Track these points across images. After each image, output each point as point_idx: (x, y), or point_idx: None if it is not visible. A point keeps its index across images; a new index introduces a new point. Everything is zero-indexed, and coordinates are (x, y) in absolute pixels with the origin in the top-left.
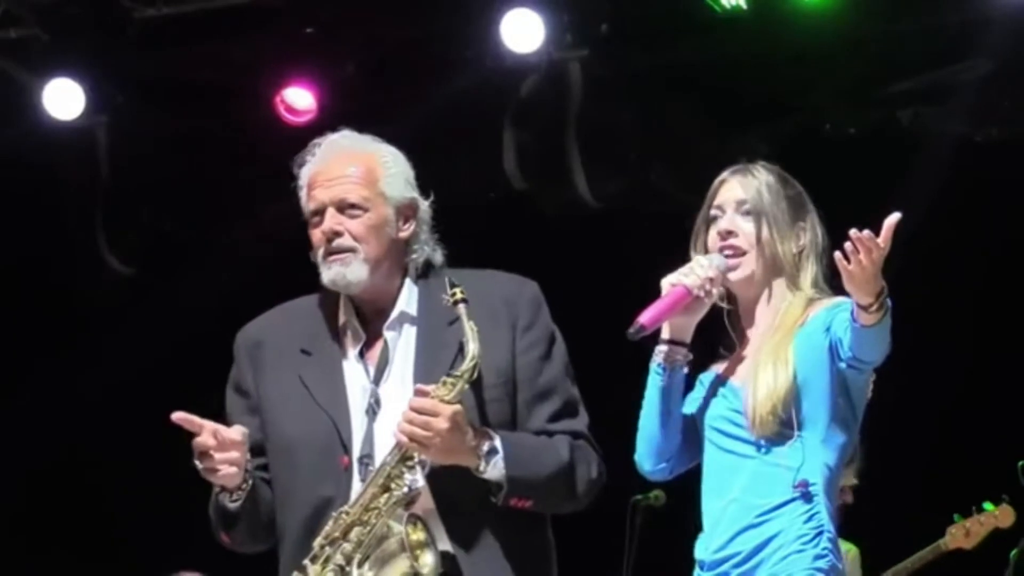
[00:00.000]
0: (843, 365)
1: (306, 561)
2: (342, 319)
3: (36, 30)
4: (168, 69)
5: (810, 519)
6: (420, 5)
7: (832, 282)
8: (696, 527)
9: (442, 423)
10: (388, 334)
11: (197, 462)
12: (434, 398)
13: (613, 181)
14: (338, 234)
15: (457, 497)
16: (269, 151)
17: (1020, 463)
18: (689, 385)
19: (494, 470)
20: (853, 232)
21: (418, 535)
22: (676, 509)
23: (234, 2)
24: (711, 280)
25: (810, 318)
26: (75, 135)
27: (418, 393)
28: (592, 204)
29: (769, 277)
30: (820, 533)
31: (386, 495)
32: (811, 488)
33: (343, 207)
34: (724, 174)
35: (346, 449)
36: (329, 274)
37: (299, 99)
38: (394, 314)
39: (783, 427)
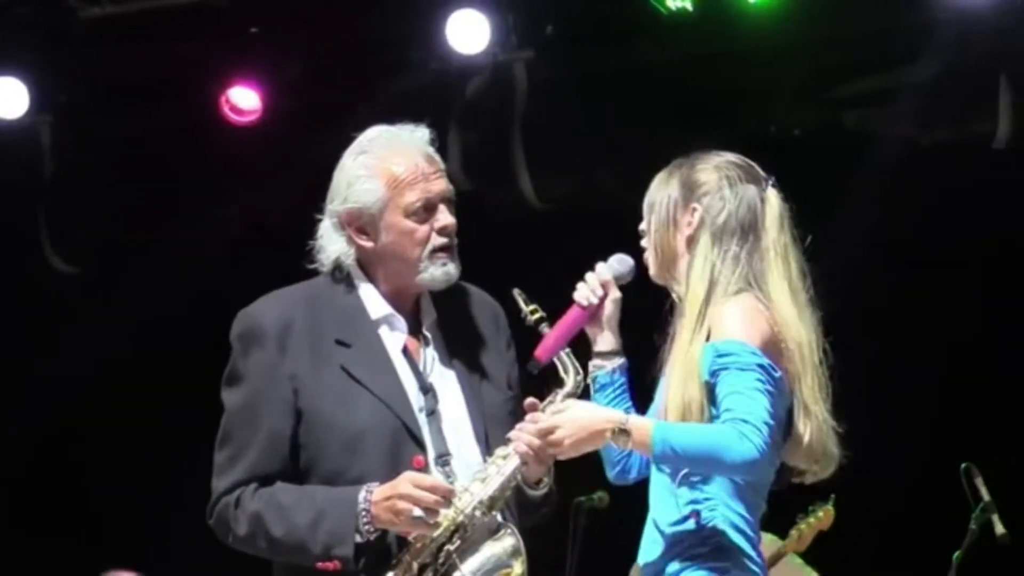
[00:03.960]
0: None
1: (399, 554)
2: (378, 312)
3: None
4: (113, 68)
5: (708, 537)
6: (365, 5)
7: (735, 260)
8: (640, 529)
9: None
10: (427, 334)
11: (417, 512)
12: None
13: (558, 182)
14: (453, 230)
15: (515, 509)
16: (214, 151)
17: (963, 465)
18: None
19: (546, 487)
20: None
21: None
22: (620, 511)
23: (179, 2)
24: (604, 285)
25: (703, 350)
26: (19, 134)
27: (530, 407)
28: (537, 205)
29: (669, 271)
30: (717, 548)
31: (492, 502)
32: (703, 504)
33: (448, 202)
34: None
35: (422, 449)
36: (443, 270)
37: (244, 99)
38: (432, 316)
39: None
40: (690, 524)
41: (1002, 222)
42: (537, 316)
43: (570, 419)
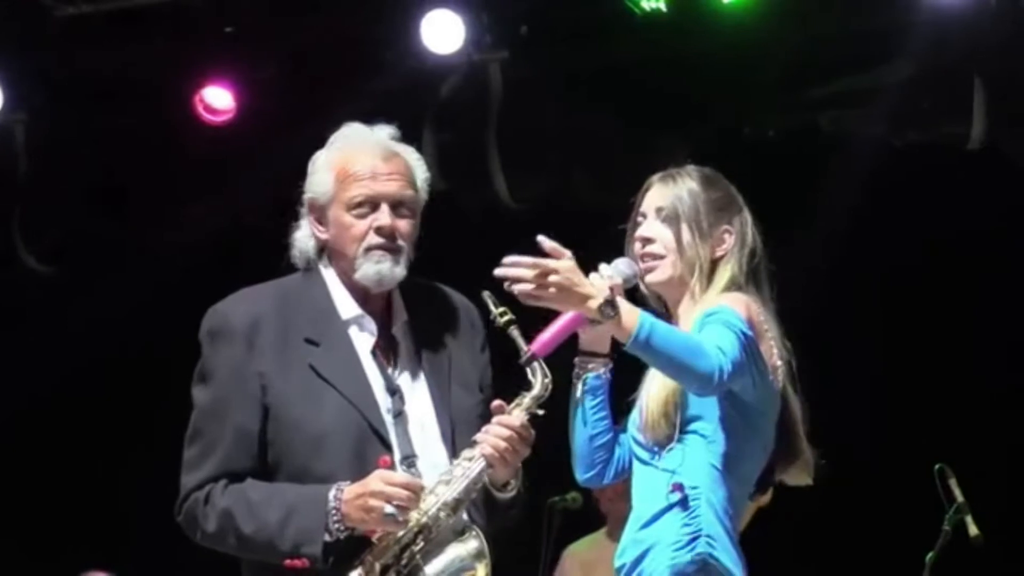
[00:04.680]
0: None
1: (364, 555)
2: (348, 312)
3: None
4: (87, 67)
5: (687, 524)
6: (340, 5)
7: (758, 280)
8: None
9: (527, 449)
10: (397, 335)
11: (389, 509)
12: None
13: (533, 183)
14: (394, 232)
15: (480, 511)
16: (188, 150)
17: (936, 467)
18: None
19: (514, 490)
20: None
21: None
22: (593, 511)
23: (153, 1)
24: (611, 289)
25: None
26: None
27: (498, 409)
28: (512, 205)
29: (690, 279)
30: (695, 538)
31: (458, 503)
32: (688, 491)
33: (397, 205)
34: (650, 180)
35: (389, 449)
36: (377, 267)
37: (218, 99)
38: (403, 317)
39: (673, 431)
40: (674, 511)
41: (976, 223)
42: (507, 319)
43: (571, 270)
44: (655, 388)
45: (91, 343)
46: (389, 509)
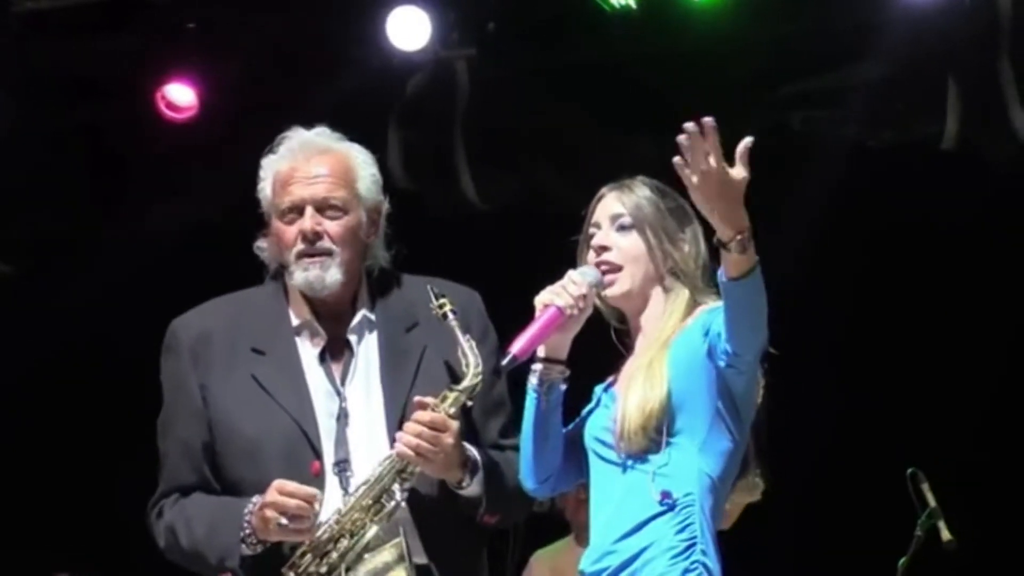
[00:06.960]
0: (722, 363)
1: (284, 569)
2: (298, 319)
3: None
4: (49, 63)
5: (682, 530)
6: (305, 1)
7: (709, 291)
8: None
9: (449, 439)
10: (352, 338)
11: (283, 520)
12: (437, 411)
13: (500, 182)
14: (319, 235)
15: (432, 510)
16: (150, 148)
17: (909, 471)
18: (587, 399)
19: (475, 486)
20: (687, 126)
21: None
22: (560, 515)
23: None
24: (583, 297)
25: (688, 324)
26: None
27: (419, 406)
28: (478, 205)
29: (650, 289)
30: (692, 545)
31: (376, 506)
32: (679, 498)
33: (323, 207)
34: (602, 191)
35: (317, 455)
36: (305, 275)
37: (180, 95)
38: (357, 318)
39: (653, 441)
40: (664, 517)
41: (950, 223)
42: (444, 310)
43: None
44: (634, 400)
45: (53, 343)
46: (283, 520)
